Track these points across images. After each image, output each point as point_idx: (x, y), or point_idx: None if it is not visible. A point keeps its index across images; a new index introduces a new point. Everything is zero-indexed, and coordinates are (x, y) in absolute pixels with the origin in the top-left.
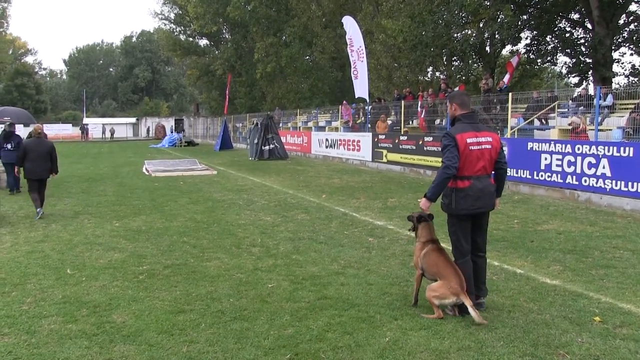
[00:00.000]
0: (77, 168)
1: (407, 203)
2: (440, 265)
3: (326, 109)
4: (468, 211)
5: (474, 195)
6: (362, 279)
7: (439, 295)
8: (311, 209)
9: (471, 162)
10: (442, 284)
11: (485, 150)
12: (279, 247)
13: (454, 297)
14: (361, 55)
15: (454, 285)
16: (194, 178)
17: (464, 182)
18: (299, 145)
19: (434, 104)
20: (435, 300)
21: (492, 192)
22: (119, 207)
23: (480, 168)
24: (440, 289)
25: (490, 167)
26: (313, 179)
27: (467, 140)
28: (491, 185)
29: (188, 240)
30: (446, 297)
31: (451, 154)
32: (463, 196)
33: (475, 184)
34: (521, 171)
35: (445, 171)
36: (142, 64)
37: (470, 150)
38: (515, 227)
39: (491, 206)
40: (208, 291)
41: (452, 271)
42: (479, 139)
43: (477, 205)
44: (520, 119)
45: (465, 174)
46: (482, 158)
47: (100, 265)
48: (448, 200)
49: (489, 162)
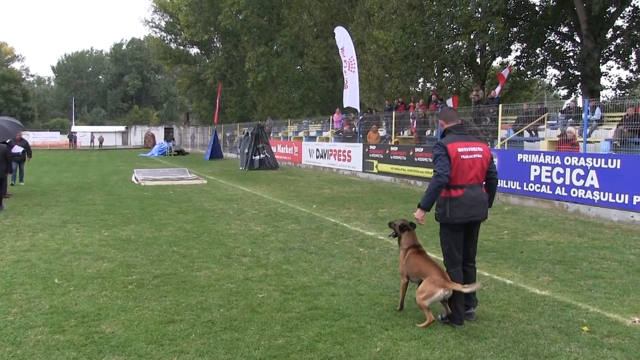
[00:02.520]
0: (65, 176)
1: (398, 213)
2: (420, 264)
3: (317, 119)
4: (462, 220)
5: (468, 204)
6: (352, 289)
7: (426, 293)
8: (302, 219)
9: (463, 172)
10: (426, 281)
11: (476, 160)
12: (270, 257)
13: (441, 289)
14: (352, 66)
15: (437, 278)
16: (184, 187)
17: (457, 191)
18: (289, 155)
19: (425, 115)
20: (426, 301)
21: (484, 201)
22: (107, 216)
23: (472, 177)
24: (426, 287)
25: (482, 176)
26: (304, 189)
27: (458, 150)
28: (483, 194)
29: (178, 249)
30: (434, 292)
31: (442, 162)
32: (457, 205)
33: (468, 193)
34: (511, 182)
35: (438, 179)
36: (132, 72)
37: (462, 160)
38: (505, 238)
39: (484, 215)
40: (198, 301)
41: (432, 265)
42: (470, 149)
43: (471, 214)
44: (510, 130)
45: (459, 182)
46: (474, 167)
47: (89, 275)
48: (442, 210)
49: (481, 171)
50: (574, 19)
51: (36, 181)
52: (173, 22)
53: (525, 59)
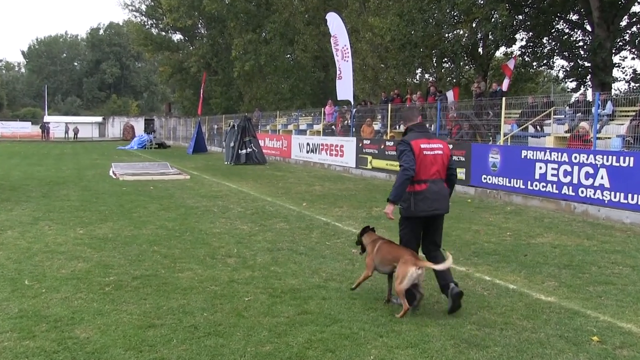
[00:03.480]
0: (37, 170)
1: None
2: (392, 250)
3: (308, 111)
4: (426, 213)
5: (431, 197)
6: (345, 292)
7: (402, 275)
8: (291, 218)
9: (426, 167)
10: (399, 263)
11: (437, 156)
12: (257, 258)
13: (414, 267)
14: (346, 55)
15: (408, 257)
16: (165, 183)
17: (421, 186)
18: (278, 149)
19: (423, 108)
20: (403, 284)
21: (446, 195)
22: (83, 212)
23: (434, 172)
24: (400, 269)
25: (443, 172)
26: (293, 185)
27: (420, 146)
28: (445, 188)
29: (159, 249)
30: (408, 272)
31: (408, 157)
32: (421, 198)
33: (431, 187)
34: (514, 181)
35: (405, 173)
36: (110, 59)
37: (424, 155)
38: (508, 240)
39: (446, 209)
40: (180, 304)
41: (402, 250)
42: (431, 145)
43: (434, 207)
44: (514, 125)
45: (422, 177)
46: (436, 163)
47: (62, 276)
48: (407, 204)
49: (442, 167)
50: (585, 5)
51: (4, 175)
52: (154, 5)
53: (530, 49)
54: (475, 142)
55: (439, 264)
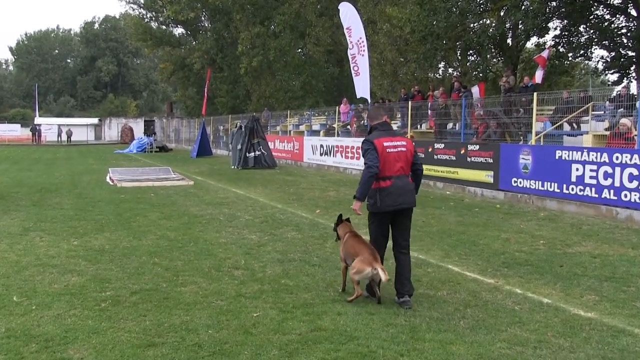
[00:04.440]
0: (28, 176)
1: (414, 220)
2: (356, 245)
3: (321, 110)
4: (392, 207)
5: (396, 193)
6: (362, 307)
7: (357, 270)
8: (303, 226)
9: (390, 163)
10: (357, 260)
11: (401, 153)
12: (266, 270)
13: (369, 267)
14: (362, 49)
15: (367, 256)
16: (167, 189)
17: (385, 182)
18: (289, 152)
19: (446, 106)
20: (356, 276)
21: (411, 190)
22: (77, 222)
23: (399, 168)
24: (357, 264)
25: (407, 168)
26: (305, 191)
27: (384, 144)
28: (410, 184)
29: (160, 261)
30: (363, 270)
31: (372, 155)
32: (386, 194)
33: (396, 183)
34: (548, 184)
35: (369, 170)
36: (106, 55)
37: (387, 153)
38: (541, 249)
39: (412, 203)
40: (183, 321)
41: (365, 246)
42: (394, 143)
43: (399, 202)
44: (547, 123)
45: (387, 174)
46: (400, 160)
47: (55, 291)
48: (373, 200)
49: (406, 163)
50: None
51: None
52: None
53: (565, 39)
54: (504, 142)
55: (397, 270)
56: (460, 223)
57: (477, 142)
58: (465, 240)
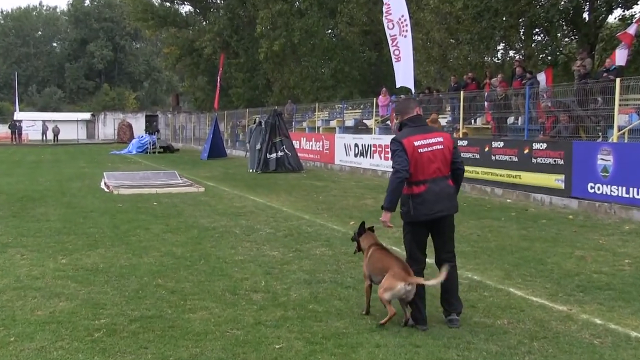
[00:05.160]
0: (7, 182)
1: (468, 233)
2: (384, 259)
3: (355, 103)
4: (428, 217)
5: (432, 199)
6: (405, 338)
7: (387, 286)
8: (334, 241)
9: (423, 165)
10: (388, 275)
11: (437, 152)
12: (290, 293)
13: (402, 282)
14: (404, 29)
15: (398, 271)
16: (173, 197)
17: (419, 187)
18: (317, 152)
19: (506, 96)
20: (386, 295)
21: (451, 194)
22: (66, 236)
23: (434, 170)
24: (387, 281)
25: (445, 168)
26: (337, 199)
27: (414, 144)
28: (449, 186)
29: (164, 283)
30: (393, 287)
31: (400, 157)
32: (420, 202)
33: (431, 187)
34: (634, 190)
35: (396, 175)
36: (99, 38)
37: (419, 153)
38: (626, 270)
39: (452, 209)
40: (191, 354)
41: (394, 260)
42: (428, 141)
43: (436, 210)
44: (634, 115)
45: (420, 178)
46: (435, 160)
47: (38, 319)
48: (406, 208)
49: (443, 163)
50: None
51: None
52: None
53: None
54: (578, 140)
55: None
56: (523, 237)
57: (544, 139)
58: (530, 258)
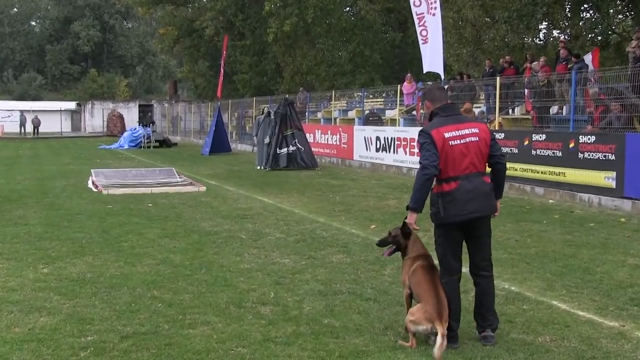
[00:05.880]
0: None
1: (505, 238)
2: (423, 285)
3: (377, 90)
4: (458, 218)
5: (463, 198)
6: (432, 357)
7: (414, 319)
8: (353, 247)
9: (454, 160)
10: (419, 307)
11: (470, 144)
12: (303, 306)
13: (428, 324)
14: (432, 6)
15: (429, 310)
16: (170, 197)
17: (450, 185)
18: (333, 146)
19: (549, 82)
20: (411, 326)
21: (486, 192)
22: (48, 242)
23: (467, 165)
24: (417, 313)
25: (481, 163)
26: (356, 199)
27: (444, 135)
28: (485, 184)
29: (160, 294)
30: (420, 323)
31: (428, 152)
32: (450, 200)
33: (463, 185)
34: None
35: (423, 172)
36: (85, 17)
37: (450, 146)
38: None
39: (489, 209)
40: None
41: (433, 294)
42: (460, 132)
43: (469, 210)
44: None
45: (451, 174)
46: (468, 153)
47: (16, 337)
48: (435, 208)
49: (478, 157)
50: None
51: None
52: None
53: None
54: (632, 132)
55: (476, 298)
56: (568, 243)
57: (592, 131)
58: (575, 267)
